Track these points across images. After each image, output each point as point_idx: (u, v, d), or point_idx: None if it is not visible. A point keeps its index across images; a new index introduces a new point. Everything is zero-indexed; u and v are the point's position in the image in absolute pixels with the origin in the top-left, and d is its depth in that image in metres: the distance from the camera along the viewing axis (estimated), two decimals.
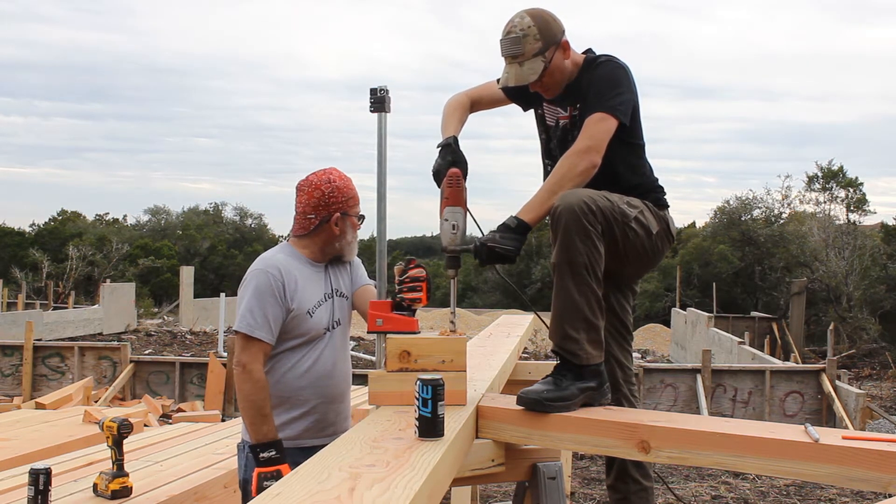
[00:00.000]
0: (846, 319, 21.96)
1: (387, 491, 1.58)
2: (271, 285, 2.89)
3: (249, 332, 2.86)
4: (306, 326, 2.96)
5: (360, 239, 3.17)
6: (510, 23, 2.72)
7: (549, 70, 2.72)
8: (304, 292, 2.96)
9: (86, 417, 6.47)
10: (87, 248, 33.58)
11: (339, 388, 3.08)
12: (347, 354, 3.16)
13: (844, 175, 27.28)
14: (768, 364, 12.50)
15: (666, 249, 2.90)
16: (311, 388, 2.98)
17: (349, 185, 3.05)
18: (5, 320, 19.82)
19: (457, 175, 2.60)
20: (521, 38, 2.68)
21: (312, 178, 3.02)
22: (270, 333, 2.89)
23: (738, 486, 7.71)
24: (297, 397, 2.97)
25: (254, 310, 2.88)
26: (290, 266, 2.98)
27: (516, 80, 2.73)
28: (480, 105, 3.10)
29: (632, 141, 2.81)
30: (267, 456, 2.80)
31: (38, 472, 3.28)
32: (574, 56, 2.81)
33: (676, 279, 26.44)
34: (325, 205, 3.00)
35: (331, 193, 3.00)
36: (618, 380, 2.90)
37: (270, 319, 2.88)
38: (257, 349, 2.86)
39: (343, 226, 3.04)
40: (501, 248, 2.50)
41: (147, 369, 12.39)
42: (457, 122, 2.98)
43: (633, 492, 2.92)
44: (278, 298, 2.90)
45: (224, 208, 53.96)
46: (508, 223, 2.56)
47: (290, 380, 2.96)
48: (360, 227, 3.12)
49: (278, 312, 2.90)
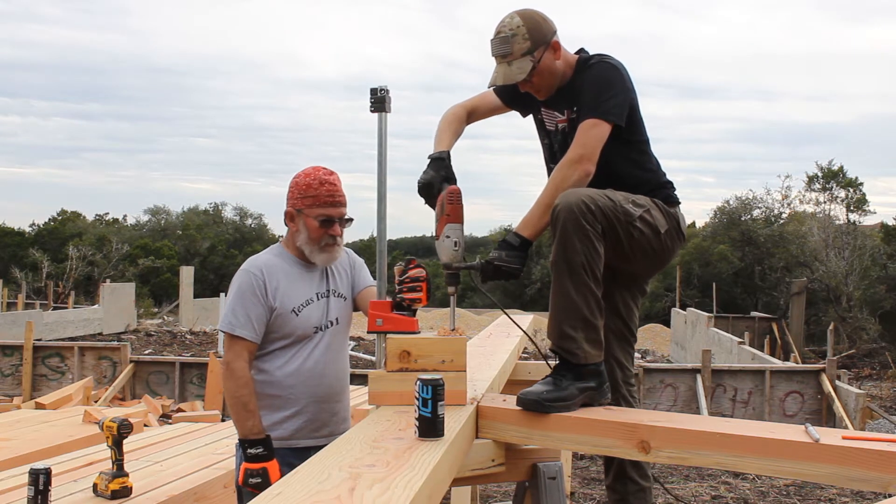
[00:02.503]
0: (846, 319, 21.96)
1: (387, 491, 1.58)
2: (252, 284, 2.92)
3: (231, 330, 2.90)
4: (291, 325, 2.95)
5: (360, 239, 3.16)
6: (500, 23, 2.72)
7: (539, 70, 2.72)
8: (288, 291, 2.95)
9: (86, 417, 6.46)
10: (87, 248, 33.57)
11: (332, 389, 3.04)
12: (343, 355, 3.13)
13: (844, 175, 27.28)
14: (768, 364, 12.49)
15: (677, 247, 2.88)
16: (301, 386, 2.97)
17: (314, 183, 2.91)
18: (5, 320, 19.80)
19: (457, 192, 2.59)
20: (510, 37, 2.68)
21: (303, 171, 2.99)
22: (253, 331, 2.91)
23: (738, 486, 7.70)
24: (286, 396, 2.97)
25: (236, 309, 2.91)
26: (276, 266, 2.99)
27: (504, 79, 2.73)
28: (477, 115, 3.08)
29: (632, 138, 2.79)
30: (254, 452, 2.82)
31: (38, 472, 3.28)
32: (566, 56, 2.80)
33: (676, 279, 26.43)
34: (288, 200, 2.98)
35: (291, 189, 2.97)
36: (617, 380, 2.90)
37: (253, 318, 2.90)
38: (240, 347, 2.90)
39: (297, 224, 2.96)
40: (507, 266, 2.55)
41: (147, 369, 12.37)
42: (451, 135, 2.97)
43: (632, 492, 2.92)
44: (260, 297, 2.91)
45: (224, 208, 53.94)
46: (510, 241, 2.58)
47: (280, 378, 2.96)
48: (334, 231, 2.93)
49: (260, 311, 2.91)
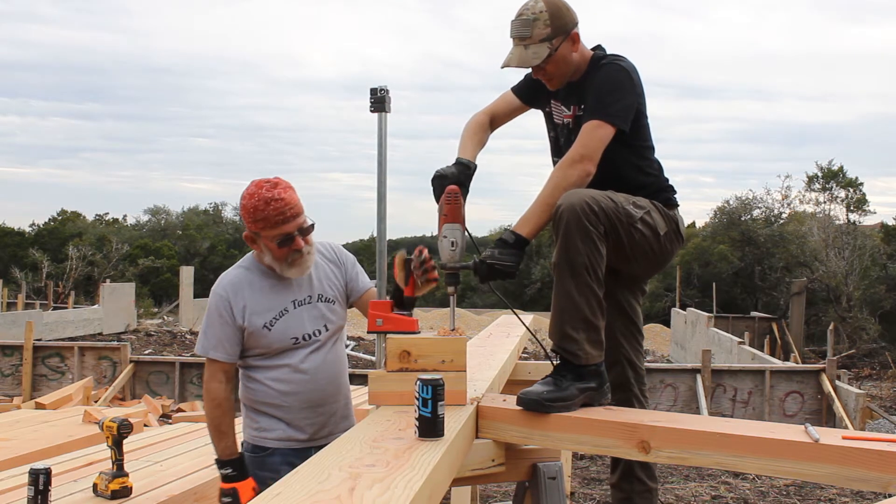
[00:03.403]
0: (846, 319, 21.96)
1: (387, 491, 1.58)
2: (219, 306, 2.90)
3: (204, 353, 2.94)
4: (266, 341, 2.91)
5: (360, 239, 3.14)
6: (524, 5, 2.70)
7: (554, 58, 2.69)
8: (257, 308, 2.89)
9: (86, 417, 6.45)
10: (87, 248, 33.59)
11: (325, 392, 2.98)
12: (335, 357, 3.04)
13: (844, 175, 27.30)
14: (768, 364, 12.48)
15: (676, 249, 2.88)
16: (291, 395, 2.94)
17: (259, 204, 2.75)
18: (5, 320, 19.81)
19: (455, 192, 2.58)
20: (531, 21, 2.66)
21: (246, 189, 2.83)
22: (225, 352, 2.91)
23: (738, 486, 7.70)
24: (279, 404, 2.95)
25: (207, 331, 2.94)
26: (244, 281, 2.92)
27: (519, 61, 2.70)
28: (499, 118, 3.04)
29: (636, 143, 2.78)
30: (225, 473, 2.87)
31: (37, 472, 3.28)
32: (583, 51, 2.78)
33: (676, 279, 26.43)
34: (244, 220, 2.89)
35: (241, 212, 2.87)
36: (629, 379, 2.89)
37: (223, 339, 2.90)
38: (215, 368, 2.92)
39: (259, 245, 2.89)
40: (501, 264, 2.50)
41: (147, 369, 12.37)
42: (475, 145, 2.93)
43: (638, 492, 2.91)
44: (227, 319, 2.89)
45: (224, 208, 53.98)
46: (506, 238, 2.55)
47: (269, 388, 2.94)
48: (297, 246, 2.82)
49: (230, 332, 2.90)
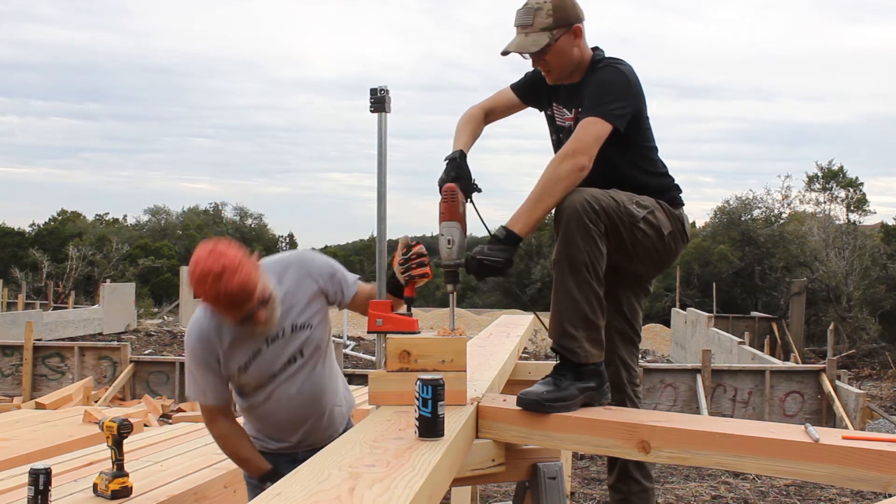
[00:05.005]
0: (846, 319, 21.96)
1: (387, 491, 1.58)
2: (196, 356, 2.87)
3: (195, 399, 2.98)
4: (245, 380, 2.91)
5: (360, 239, 3.13)
6: None
7: (553, 49, 2.71)
8: (231, 353, 2.84)
9: (86, 417, 6.45)
10: (87, 248, 33.59)
11: (314, 409, 2.97)
12: (318, 376, 2.98)
13: (844, 175, 27.30)
14: (768, 364, 12.48)
15: (681, 249, 2.88)
16: (283, 418, 2.97)
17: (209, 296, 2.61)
18: (5, 320, 19.80)
19: (451, 190, 2.59)
20: (535, 9, 2.69)
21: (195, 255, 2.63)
22: (215, 395, 2.92)
23: (738, 486, 7.70)
24: (272, 425, 3.00)
25: (193, 378, 2.93)
26: (213, 330, 2.82)
27: (517, 47, 2.74)
28: (495, 114, 3.06)
29: (638, 144, 2.79)
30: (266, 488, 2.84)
31: (38, 472, 3.28)
32: (585, 50, 2.79)
33: (676, 279, 26.41)
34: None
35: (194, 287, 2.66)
36: (622, 380, 2.90)
37: (210, 385, 2.90)
38: (207, 411, 2.96)
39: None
40: (490, 259, 2.47)
41: (147, 369, 12.37)
42: (468, 135, 2.95)
43: (635, 492, 2.91)
44: (206, 367, 2.87)
45: (224, 208, 53.99)
46: (497, 234, 2.53)
47: (260, 412, 2.99)
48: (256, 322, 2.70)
49: (212, 378, 2.89)
